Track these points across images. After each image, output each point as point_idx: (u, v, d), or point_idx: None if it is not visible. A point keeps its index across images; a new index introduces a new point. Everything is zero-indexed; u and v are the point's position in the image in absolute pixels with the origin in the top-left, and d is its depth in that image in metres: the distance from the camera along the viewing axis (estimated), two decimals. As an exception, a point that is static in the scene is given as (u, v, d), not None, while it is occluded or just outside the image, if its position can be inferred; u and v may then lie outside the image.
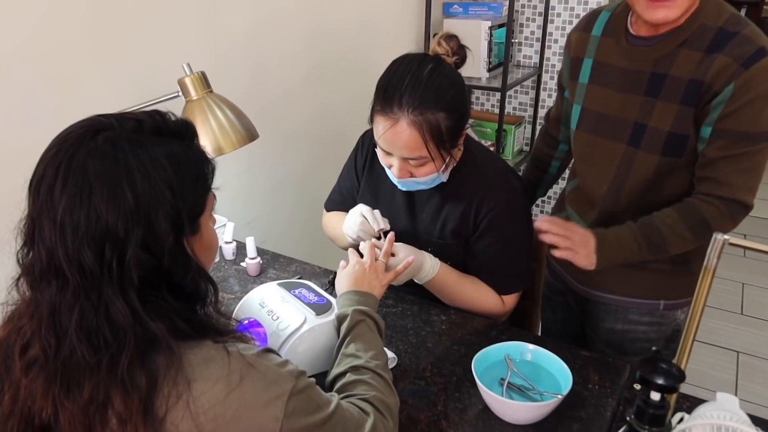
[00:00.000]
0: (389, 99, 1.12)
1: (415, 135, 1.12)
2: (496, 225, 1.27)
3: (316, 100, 2.16)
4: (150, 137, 0.72)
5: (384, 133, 1.14)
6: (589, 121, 1.28)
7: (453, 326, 1.30)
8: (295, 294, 1.17)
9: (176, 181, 0.71)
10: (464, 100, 1.17)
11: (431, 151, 1.14)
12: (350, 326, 1.02)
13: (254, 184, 2.01)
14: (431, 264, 1.29)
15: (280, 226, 2.16)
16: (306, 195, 2.22)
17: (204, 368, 0.70)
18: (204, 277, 0.75)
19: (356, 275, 1.14)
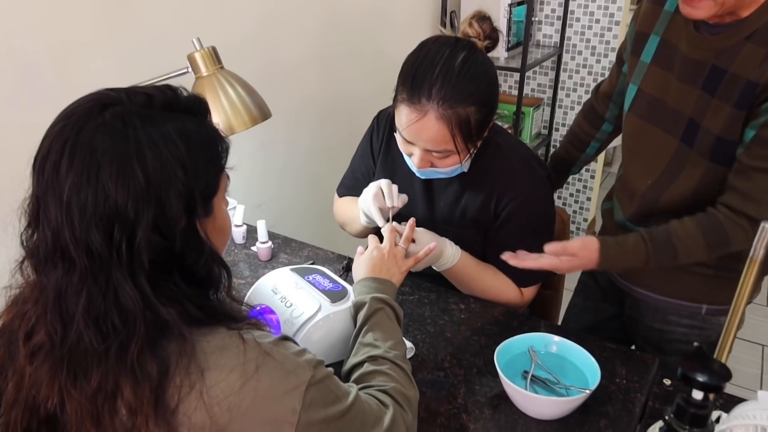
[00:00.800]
0: (417, 89, 1.08)
1: (443, 129, 1.10)
2: (517, 215, 1.26)
3: (329, 78, 2.14)
4: (161, 113, 0.71)
5: (409, 125, 1.11)
6: (643, 105, 1.22)
7: (472, 315, 1.30)
8: (308, 280, 1.17)
9: (189, 159, 0.69)
10: (496, 92, 1.14)
11: (458, 145, 1.12)
12: (368, 314, 1.02)
13: (265, 166, 2.01)
14: (452, 252, 1.28)
15: (292, 209, 2.17)
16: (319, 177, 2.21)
17: (218, 356, 0.69)
18: (217, 261, 0.74)
19: (374, 261, 1.13)
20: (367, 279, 1.09)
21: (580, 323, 1.55)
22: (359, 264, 1.15)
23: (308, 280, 1.17)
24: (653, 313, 1.33)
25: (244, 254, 1.55)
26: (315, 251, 1.55)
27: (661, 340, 1.34)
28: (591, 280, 1.53)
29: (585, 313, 1.55)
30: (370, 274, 1.11)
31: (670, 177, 1.18)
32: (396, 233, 1.19)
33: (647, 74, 1.20)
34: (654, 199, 1.22)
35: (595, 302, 1.53)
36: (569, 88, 3.09)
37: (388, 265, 1.13)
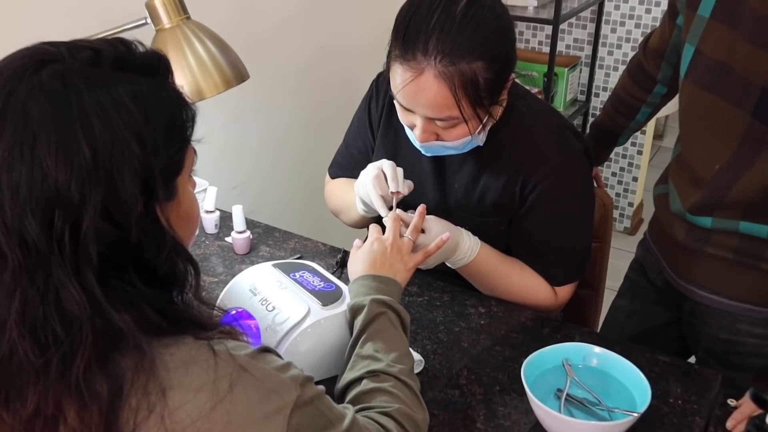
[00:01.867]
0: (411, 42, 1.08)
1: (444, 91, 1.09)
2: (548, 198, 1.26)
3: (319, 34, 2.14)
4: (112, 73, 0.71)
5: (404, 86, 1.11)
6: (703, 70, 1.18)
7: (494, 321, 1.30)
8: (295, 278, 1.17)
9: (146, 129, 0.69)
10: (510, 43, 1.14)
11: (464, 110, 1.12)
12: (367, 320, 1.02)
13: (242, 139, 2.00)
14: (469, 245, 1.28)
15: (275, 192, 2.16)
16: (307, 154, 2.22)
17: (183, 373, 0.69)
18: (182, 256, 0.74)
19: (375, 256, 1.12)
20: (367, 277, 1.09)
21: (626, 331, 1.55)
22: (357, 259, 1.14)
23: (294, 278, 1.17)
24: (719, 319, 1.32)
25: (217, 246, 1.56)
26: (303, 243, 1.56)
27: (728, 352, 1.33)
28: (641, 278, 1.53)
29: (633, 319, 1.54)
30: (369, 272, 1.10)
31: (743, 161, 1.16)
32: (401, 222, 1.19)
33: (706, 31, 1.17)
34: (723, 188, 1.20)
35: (645, 305, 1.52)
36: (612, 44, 3.07)
37: (391, 261, 1.13)
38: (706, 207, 1.25)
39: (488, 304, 1.35)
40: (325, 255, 1.51)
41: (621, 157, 3.28)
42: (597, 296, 1.59)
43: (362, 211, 1.35)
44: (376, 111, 1.41)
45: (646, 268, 1.50)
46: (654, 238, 1.45)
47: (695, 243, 1.28)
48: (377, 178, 1.25)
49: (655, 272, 1.47)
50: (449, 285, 1.40)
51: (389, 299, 1.05)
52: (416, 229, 1.19)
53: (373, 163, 1.29)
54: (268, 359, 0.76)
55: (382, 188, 1.24)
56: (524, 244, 1.34)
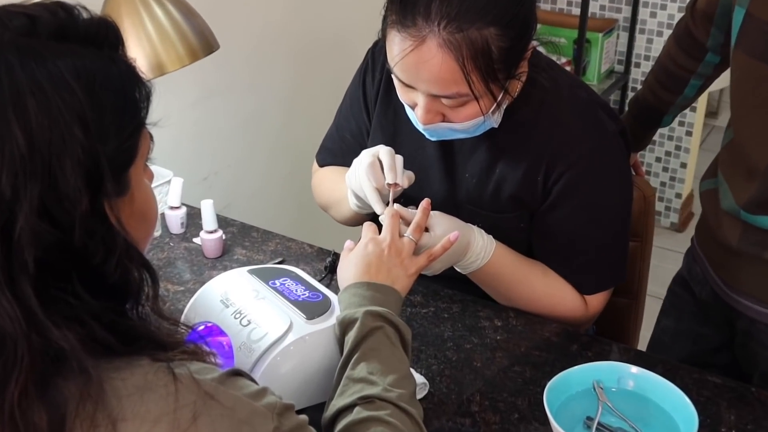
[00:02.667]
0: (410, 5, 1.09)
1: (450, 63, 1.09)
2: (577, 189, 1.26)
3: (304, -6, 2.14)
4: (50, 44, 0.71)
5: (402, 58, 1.12)
6: (755, 36, 1.18)
7: (513, 336, 1.30)
8: (275, 286, 1.17)
9: (91, 111, 0.69)
10: (529, 4, 1.14)
11: (475, 86, 1.12)
12: (360, 336, 1.01)
13: (212, 122, 2.00)
14: (482, 245, 1.27)
15: (252, 184, 2.16)
16: (291, 138, 2.20)
17: (138, 401, 0.69)
18: (137, 261, 0.75)
19: (370, 259, 1.12)
20: (359, 285, 1.09)
21: (671, 354, 1.53)
22: (348, 263, 1.14)
23: (274, 286, 1.17)
24: None
25: (183, 249, 1.56)
26: (285, 244, 1.56)
27: None
28: (684, 292, 1.53)
29: (679, 341, 1.54)
30: (363, 278, 1.10)
31: None
32: (401, 220, 1.19)
33: None
34: None
35: (691, 324, 1.52)
36: (655, 4, 3.07)
37: (389, 265, 1.13)
38: (764, 203, 1.24)
39: (505, 316, 1.34)
40: (311, 259, 1.50)
41: (666, 140, 3.28)
42: (636, 305, 1.59)
43: (355, 206, 1.34)
44: (372, 86, 1.41)
45: (690, 280, 1.50)
46: (701, 242, 1.45)
47: (751, 247, 1.27)
48: (372, 168, 1.24)
49: (700, 284, 1.46)
50: (459, 294, 1.39)
51: (386, 311, 1.05)
52: (419, 227, 1.18)
53: (368, 149, 1.28)
54: (240, 384, 0.75)
55: (377, 179, 1.24)
56: (548, 245, 1.33)
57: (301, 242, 1.56)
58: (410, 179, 1.27)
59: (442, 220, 1.24)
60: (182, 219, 1.60)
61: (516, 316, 1.34)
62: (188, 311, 1.18)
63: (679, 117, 3.09)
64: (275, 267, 1.25)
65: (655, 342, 1.61)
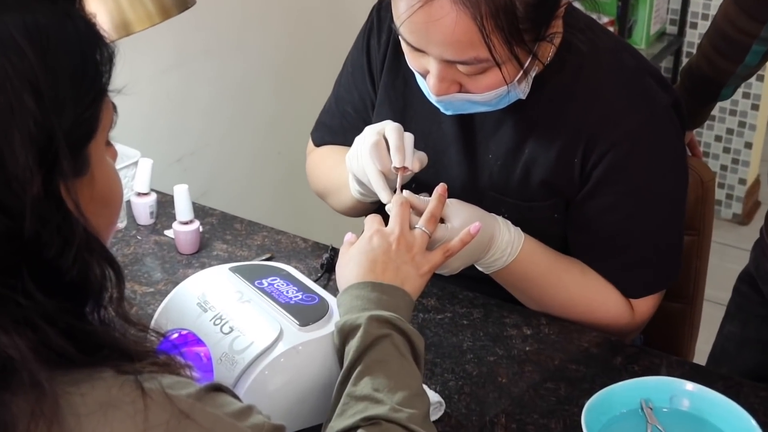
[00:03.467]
0: None
1: (467, 22, 1.09)
2: (622, 174, 1.26)
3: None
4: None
5: (409, 16, 1.11)
6: None
7: (545, 347, 1.29)
8: (262, 287, 1.17)
9: (44, 76, 0.69)
10: None
11: (496, 50, 1.11)
12: (364, 346, 1.01)
13: (187, 92, 1.99)
14: (508, 239, 1.27)
15: (235, 166, 2.15)
16: (281, 111, 2.19)
17: (100, 420, 0.69)
18: (98, 254, 0.74)
19: (375, 255, 1.12)
20: (363, 285, 1.09)
21: (738, 367, 1.53)
22: (349, 260, 1.14)
23: (261, 287, 1.17)
24: None
25: (153, 243, 1.55)
26: (274, 238, 1.55)
27: None
28: (752, 291, 1.52)
29: (745, 350, 1.53)
30: (367, 277, 1.10)
31: None
32: (411, 209, 1.19)
33: None
34: None
35: (760, 330, 1.51)
36: (716, -47, 3.06)
37: (398, 262, 1.13)
38: None
39: (536, 323, 1.33)
40: (305, 255, 1.50)
41: (728, 115, 3.27)
42: (691, 311, 1.58)
43: (357, 193, 1.34)
44: (378, 51, 1.41)
45: (759, 279, 1.49)
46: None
47: None
48: (377, 148, 1.24)
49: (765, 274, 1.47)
50: (480, 297, 1.38)
51: (395, 316, 1.04)
52: (433, 217, 1.18)
53: (372, 125, 1.27)
54: (221, 401, 0.75)
55: (383, 162, 1.24)
56: (587, 239, 1.33)
57: (293, 235, 1.55)
58: (422, 161, 1.26)
59: (461, 209, 1.23)
60: (151, 208, 1.59)
61: (548, 324, 1.33)
62: (159, 316, 1.17)
63: (743, 88, 3.07)
64: (262, 264, 1.25)
65: (718, 351, 1.60)
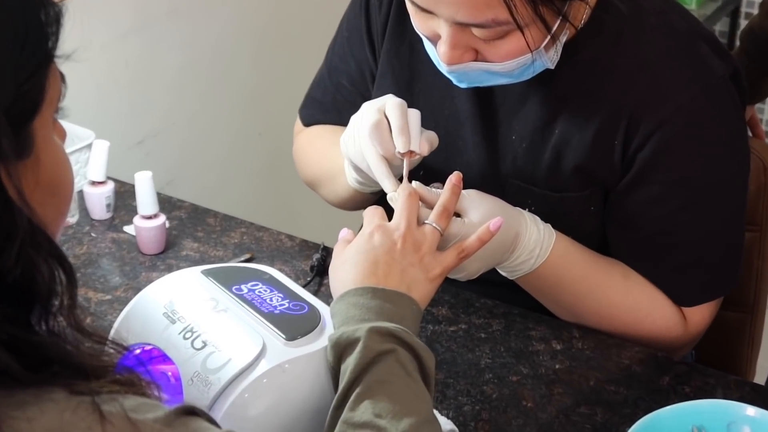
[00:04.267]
0: None
1: None
2: (672, 158, 1.26)
3: None
4: None
5: None
6: None
7: (578, 365, 1.29)
8: (241, 294, 1.16)
9: None
10: None
11: (518, 10, 1.11)
12: (363, 364, 1.01)
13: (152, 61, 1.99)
14: (537, 237, 1.27)
15: (208, 150, 2.15)
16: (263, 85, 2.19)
17: None
18: (46, 251, 0.74)
19: (376, 256, 1.13)
20: (362, 291, 1.09)
21: None
22: (345, 261, 1.15)
23: (239, 293, 1.16)
24: None
25: (110, 242, 1.56)
26: (255, 235, 1.57)
27: None
28: None
29: None
30: (366, 282, 1.11)
31: None
32: (420, 201, 1.19)
33: None
34: None
35: None
36: None
37: (403, 264, 1.13)
38: None
39: (567, 336, 1.34)
40: (292, 254, 1.52)
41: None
42: (752, 321, 1.59)
43: (354, 182, 1.35)
44: (379, 13, 1.41)
45: None
46: None
47: None
48: (377, 129, 1.23)
49: None
50: (501, 305, 1.39)
51: (400, 328, 1.04)
52: (445, 211, 1.18)
53: (371, 101, 1.27)
54: (195, 427, 0.75)
55: (385, 145, 1.23)
56: (631, 236, 1.33)
57: (277, 232, 1.56)
58: (432, 143, 1.26)
59: (479, 201, 1.23)
60: (108, 199, 1.59)
61: (582, 337, 1.34)
62: (118, 328, 1.16)
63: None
64: (241, 267, 1.25)
65: None
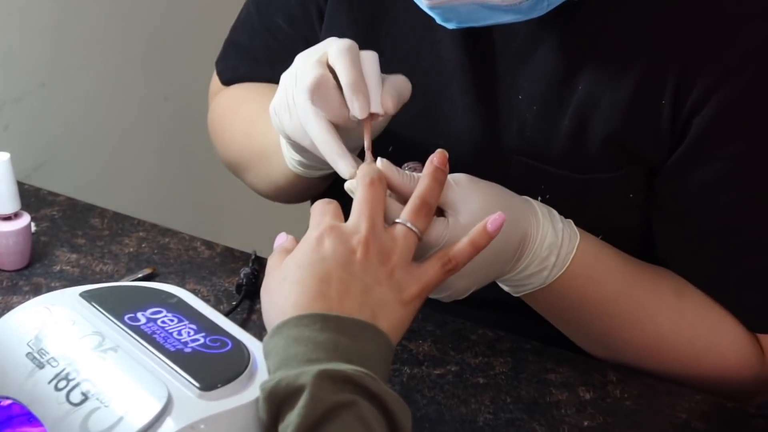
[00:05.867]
0: None
1: None
2: (743, 124, 1.23)
3: None
4: None
5: None
6: None
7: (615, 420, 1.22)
8: (137, 326, 1.09)
9: None
10: None
11: None
12: (309, 423, 0.93)
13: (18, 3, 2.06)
14: (553, 239, 1.20)
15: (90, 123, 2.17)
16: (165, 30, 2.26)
17: None
18: None
19: (326, 270, 1.06)
20: (307, 320, 1.02)
21: None
22: (285, 279, 1.08)
23: (135, 325, 1.09)
24: None
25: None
26: (158, 241, 1.50)
27: None
28: None
29: None
30: (314, 307, 1.03)
31: None
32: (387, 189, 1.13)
33: None
34: None
35: None
36: None
37: (366, 281, 1.07)
38: None
39: (600, 379, 1.26)
40: (210, 269, 1.43)
41: None
42: None
43: (295, 164, 1.28)
44: None
45: None
46: None
47: None
48: (320, 89, 1.15)
49: None
50: (507, 336, 1.31)
51: (361, 372, 0.96)
52: (424, 205, 1.10)
53: (307, 51, 1.20)
54: None
55: (333, 110, 1.15)
56: (685, 236, 1.27)
57: (189, 237, 1.48)
58: (401, 94, 1.17)
59: (472, 190, 1.15)
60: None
61: (621, 381, 1.25)
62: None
63: None
64: (138, 287, 1.16)
65: None
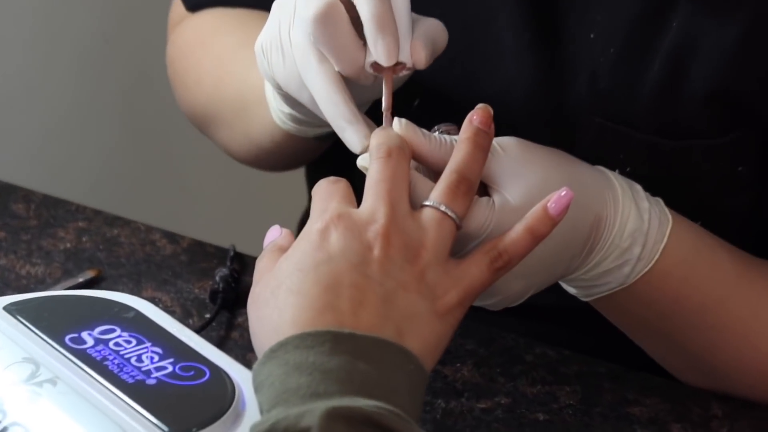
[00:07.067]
0: None
1: None
2: None
3: None
4: None
5: None
6: None
7: None
8: (80, 349, 1.06)
9: None
10: None
11: None
12: None
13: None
14: (636, 224, 1.14)
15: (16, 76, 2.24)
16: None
17: None
18: None
19: (334, 273, 1.01)
20: (312, 340, 0.96)
21: None
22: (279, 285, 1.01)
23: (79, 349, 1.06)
24: None
25: None
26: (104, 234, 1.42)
27: None
28: None
29: None
30: (319, 323, 0.97)
31: None
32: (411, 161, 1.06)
33: None
34: None
35: None
36: None
37: (387, 287, 1.02)
38: None
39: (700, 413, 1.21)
40: (176, 271, 1.35)
41: None
42: None
43: (286, 119, 1.19)
44: None
45: None
46: None
47: None
48: (329, 24, 1.07)
49: None
50: (575, 357, 1.26)
51: (384, 410, 0.90)
52: (464, 181, 1.02)
53: None
54: None
55: (344, 55, 1.07)
56: None
57: (146, 227, 1.39)
58: (436, 43, 1.07)
59: (525, 159, 1.08)
60: None
61: (729, 416, 1.19)
62: None
63: None
64: (81, 296, 1.12)
65: None
